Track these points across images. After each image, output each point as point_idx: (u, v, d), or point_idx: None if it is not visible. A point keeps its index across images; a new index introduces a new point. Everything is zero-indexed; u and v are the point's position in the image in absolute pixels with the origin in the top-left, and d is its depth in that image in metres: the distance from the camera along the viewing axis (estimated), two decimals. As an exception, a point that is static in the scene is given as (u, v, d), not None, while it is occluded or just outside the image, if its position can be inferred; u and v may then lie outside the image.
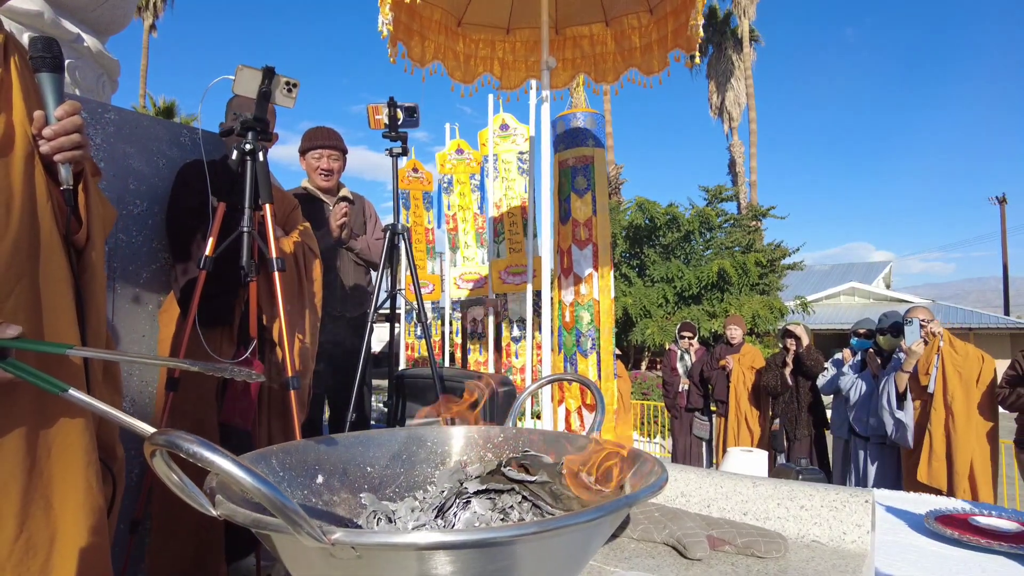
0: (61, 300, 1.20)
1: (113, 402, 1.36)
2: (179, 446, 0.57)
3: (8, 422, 1.11)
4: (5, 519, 1.09)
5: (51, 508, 1.15)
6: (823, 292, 24.12)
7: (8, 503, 1.09)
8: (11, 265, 1.11)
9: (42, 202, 1.19)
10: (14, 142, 1.15)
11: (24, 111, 1.18)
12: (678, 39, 3.52)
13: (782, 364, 5.42)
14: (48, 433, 1.16)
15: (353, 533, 0.61)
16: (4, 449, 1.10)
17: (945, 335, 3.92)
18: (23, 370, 0.97)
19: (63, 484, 1.17)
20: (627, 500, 0.73)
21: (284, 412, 2.30)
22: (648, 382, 13.30)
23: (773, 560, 1.16)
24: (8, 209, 1.12)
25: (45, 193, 1.19)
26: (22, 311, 1.11)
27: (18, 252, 1.13)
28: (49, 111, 1.20)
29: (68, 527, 1.16)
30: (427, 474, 1.08)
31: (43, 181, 1.19)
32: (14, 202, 1.13)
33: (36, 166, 1.18)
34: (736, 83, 26.64)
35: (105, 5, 3.12)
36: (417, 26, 3.63)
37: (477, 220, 7.38)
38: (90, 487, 1.21)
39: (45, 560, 1.13)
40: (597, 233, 3.79)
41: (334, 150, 3.09)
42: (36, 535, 1.12)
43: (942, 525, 1.78)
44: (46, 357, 1.14)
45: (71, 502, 1.18)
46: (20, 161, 1.15)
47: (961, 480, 3.74)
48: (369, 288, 2.79)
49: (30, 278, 1.15)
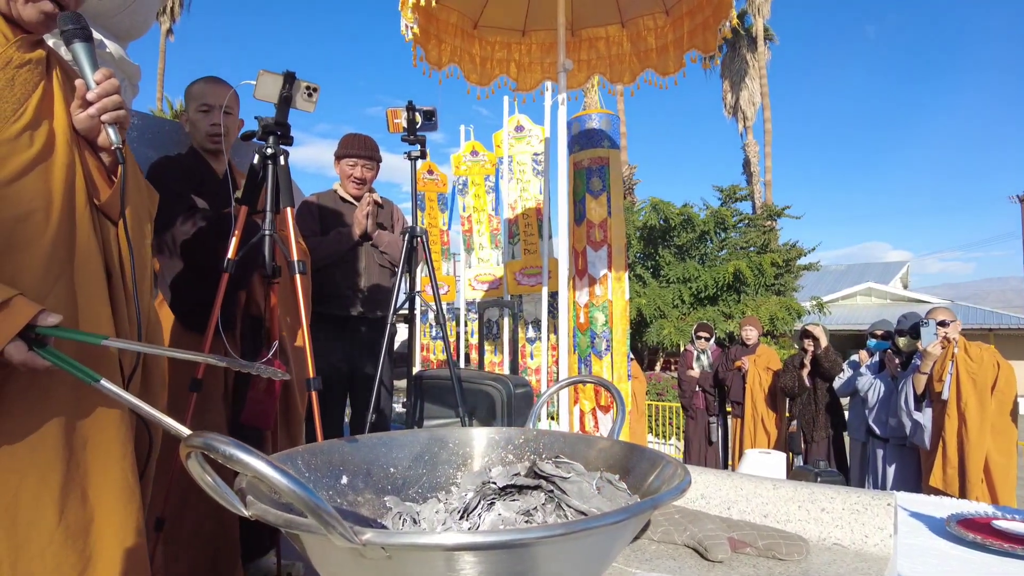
0: (97, 302, 1.24)
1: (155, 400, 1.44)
2: (216, 448, 0.58)
3: (47, 413, 1.15)
4: (46, 507, 1.13)
5: (87, 499, 1.18)
6: (839, 292, 23.91)
7: (47, 491, 1.13)
8: (50, 267, 1.16)
9: (81, 207, 1.23)
10: (55, 149, 1.21)
11: (66, 121, 1.24)
12: (694, 40, 3.52)
13: (800, 365, 5.38)
14: (85, 425, 1.20)
15: (384, 534, 0.62)
16: (43, 439, 1.14)
17: (960, 341, 3.87)
18: (60, 358, 1.03)
19: (99, 475, 1.20)
20: (652, 502, 0.73)
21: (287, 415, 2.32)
22: (663, 383, 13.25)
23: (794, 563, 1.16)
24: (47, 213, 1.17)
25: (84, 200, 1.24)
26: (59, 311, 1.15)
27: (56, 254, 1.17)
28: (88, 78, 1.24)
29: (104, 517, 1.20)
30: (449, 475, 1.09)
31: (83, 188, 1.24)
32: (53, 206, 1.18)
33: (76, 174, 1.23)
34: (750, 82, 26.47)
35: (126, 11, 3.16)
36: (434, 29, 3.65)
37: (492, 221, 7.39)
38: (126, 479, 1.24)
39: (83, 547, 1.17)
40: (612, 234, 3.79)
41: (369, 160, 3.12)
42: (74, 524, 1.16)
43: (964, 529, 1.76)
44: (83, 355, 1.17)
45: (107, 493, 1.21)
46: (61, 168, 1.21)
47: (974, 487, 3.70)
48: (392, 289, 2.81)
49: (67, 279, 1.19)
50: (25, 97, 1.19)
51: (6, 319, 1.02)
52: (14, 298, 1.05)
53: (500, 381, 2.79)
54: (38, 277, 1.15)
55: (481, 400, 2.75)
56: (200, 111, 2.27)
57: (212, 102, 2.26)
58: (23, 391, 1.13)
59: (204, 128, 2.27)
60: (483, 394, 2.75)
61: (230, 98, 2.27)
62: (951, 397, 3.82)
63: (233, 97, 2.29)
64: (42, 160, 1.18)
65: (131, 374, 1.35)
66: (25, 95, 1.19)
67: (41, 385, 1.15)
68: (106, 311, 1.26)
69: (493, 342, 7.72)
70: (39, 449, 1.13)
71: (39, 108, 1.20)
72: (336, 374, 2.99)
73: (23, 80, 1.19)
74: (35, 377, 1.13)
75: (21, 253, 1.13)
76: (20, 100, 1.18)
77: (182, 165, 2.26)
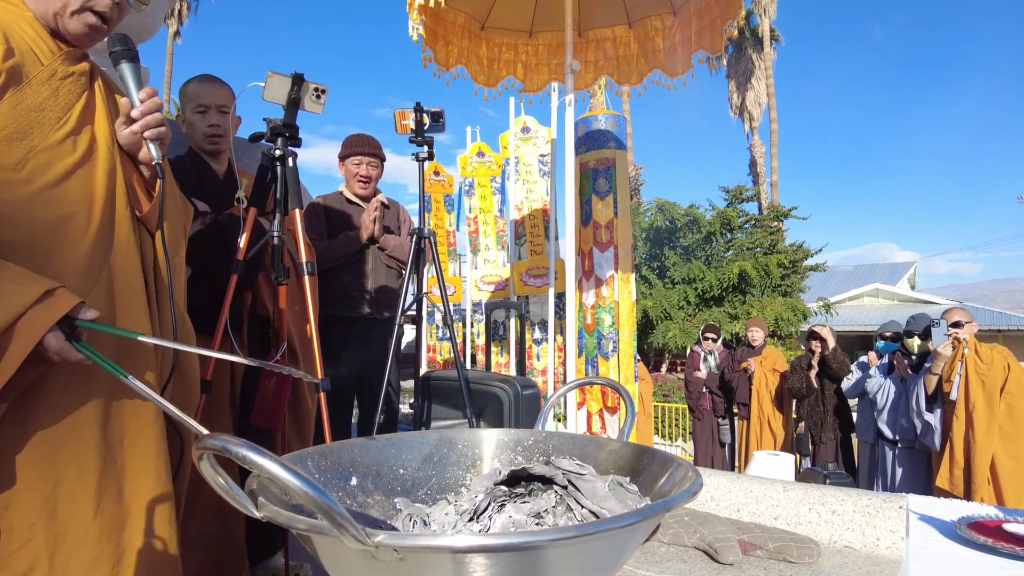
0: (136, 302, 1.30)
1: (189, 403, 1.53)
2: (230, 450, 0.58)
3: (87, 410, 1.20)
4: (83, 501, 1.18)
5: (123, 495, 1.24)
6: (846, 293, 23.79)
7: (84, 486, 1.18)
8: (90, 267, 1.22)
9: (121, 211, 1.31)
10: (96, 154, 1.29)
11: (108, 129, 1.32)
12: (702, 40, 3.51)
13: (807, 366, 5.36)
14: (122, 423, 1.25)
15: (396, 536, 0.62)
16: (82, 435, 1.19)
17: (971, 342, 3.85)
18: (92, 352, 1.07)
19: (135, 472, 1.26)
20: (664, 505, 0.73)
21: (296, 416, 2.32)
22: (669, 384, 13.23)
23: (806, 565, 1.16)
24: (89, 216, 1.24)
25: (125, 204, 1.31)
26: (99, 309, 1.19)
27: (97, 255, 1.24)
28: (133, 96, 1.34)
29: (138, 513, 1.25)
30: (458, 476, 1.09)
31: (123, 193, 1.31)
32: (95, 209, 1.25)
33: (117, 179, 1.31)
34: (756, 83, 26.42)
35: (136, 15, 3.17)
36: (441, 31, 3.65)
37: (498, 223, 7.40)
38: (160, 476, 1.29)
39: (118, 541, 1.21)
40: (618, 236, 3.79)
41: (373, 157, 3.14)
42: (109, 519, 1.21)
43: (974, 532, 1.75)
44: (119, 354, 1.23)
45: (142, 490, 1.26)
46: (103, 174, 1.29)
47: (979, 488, 3.68)
48: (400, 291, 2.81)
49: (107, 280, 1.25)
50: (69, 106, 1.26)
51: (48, 308, 1.06)
52: (58, 289, 1.10)
53: (508, 382, 2.78)
54: (79, 276, 1.21)
55: (489, 401, 2.75)
56: (196, 112, 2.25)
57: (208, 102, 2.23)
58: (65, 387, 1.18)
59: (202, 129, 2.25)
60: (491, 395, 2.75)
61: (226, 96, 2.25)
62: (960, 398, 3.81)
63: (228, 95, 2.27)
64: (83, 164, 1.26)
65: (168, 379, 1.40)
66: (69, 104, 1.26)
67: (82, 382, 1.20)
68: (144, 313, 1.33)
69: (499, 343, 7.72)
70: (78, 444, 1.18)
71: (82, 116, 1.28)
72: (343, 375, 2.99)
73: (67, 91, 1.27)
74: (76, 373, 1.18)
75: (63, 253, 1.20)
76: (64, 109, 1.25)
77: (180, 168, 2.26)
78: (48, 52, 1.26)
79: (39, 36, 1.26)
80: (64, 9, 1.28)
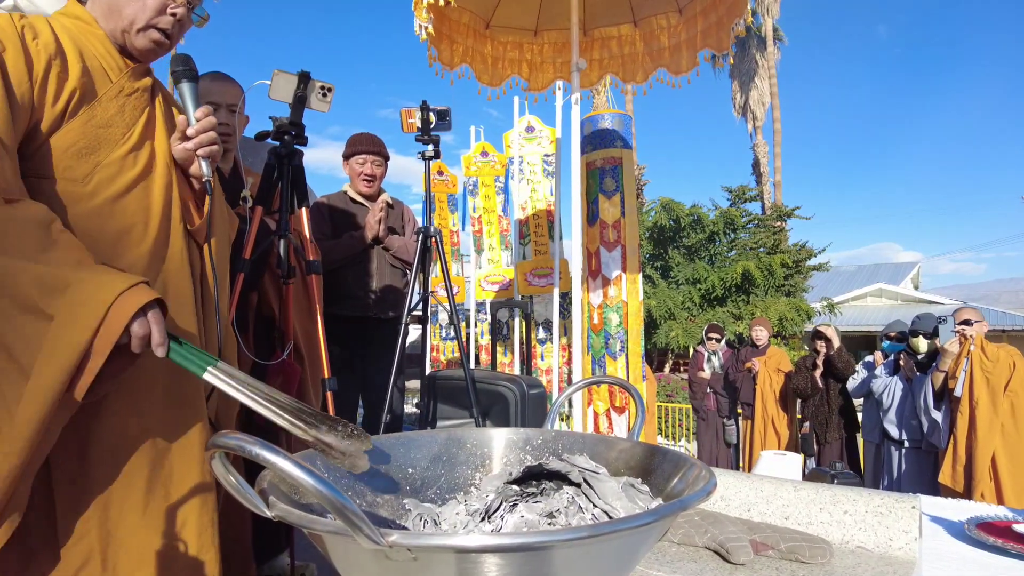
0: (186, 311, 1.36)
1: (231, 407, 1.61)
2: (245, 449, 0.58)
3: (142, 415, 1.25)
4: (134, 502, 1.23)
5: (169, 498, 1.29)
6: (850, 293, 23.72)
7: (135, 491, 1.23)
8: (145, 275, 1.24)
9: (175, 224, 1.36)
10: (155, 168, 1.35)
11: (166, 144, 1.37)
12: (707, 39, 3.50)
13: (812, 366, 5.35)
14: (173, 429, 1.31)
15: (410, 535, 0.62)
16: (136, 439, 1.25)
17: (978, 339, 3.84)
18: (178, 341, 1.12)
19: (181, 479, 1.31)
20: (679, 505, 0.72)
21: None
22: (672, 384, 13.21)
23: (818, 565, 1.15)
24: (146, 227, 1.31)
25: (179, 217, 1.36)
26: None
27: (152, 265, 1.30)
28: (190, 114, 1.39)
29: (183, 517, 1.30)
30: (468, 476, 1.08)
31: (178, 207, 1.37)
32: (151, 221, 1.32)
33: (173, 193, 1.36)
34: (760, 82, 26.37)
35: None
36: (446, 29, 3.64)
37: (502, 222, 7.39)
38: (204, 482, 1.34)
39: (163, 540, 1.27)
40: (625, 235, 3.77)
41: (377, 156, 3.13)
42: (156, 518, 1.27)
43: (984, 532, 1.74)
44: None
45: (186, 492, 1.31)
46: (160, 188, 1.34)
47: (979, 485, 3.67)
48: (405, 290, 2.81)
49: (160, 288, 1.30)
50: (132, 122, 1.32)
51: (133, 295, 1.08)
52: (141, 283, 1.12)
53: (514, 382, 2.78)
54: None
55: (495, 401, 2.75)
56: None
57: (219, 100, 2.21)
58: (124, 391, 1.23)
59: None
60: (497, 395, 2.74)
61: (237, 95, 2.23)
62: (964, 394, 3.80)
63: (239, 94, 2.25)
64: (143, 179, 1.32)
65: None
66: (132, 120, 1.32)
67: (141, 387, 1.26)
68: (193, 322, 1.37)
69: (503, 343, 7.71)
70: (132, 448, 1.24)
71: (143, 132, 1.34)
72: (349, 375, 2.98)
73: (132, 107, 1.33)
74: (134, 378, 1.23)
75: (121, 262, 1.25)
76: (128, 125, 1.31)
77: None
78: (116, 69, 1.33)
79: (109, 53, 1.33)
80: (131, 26, 1.34)
